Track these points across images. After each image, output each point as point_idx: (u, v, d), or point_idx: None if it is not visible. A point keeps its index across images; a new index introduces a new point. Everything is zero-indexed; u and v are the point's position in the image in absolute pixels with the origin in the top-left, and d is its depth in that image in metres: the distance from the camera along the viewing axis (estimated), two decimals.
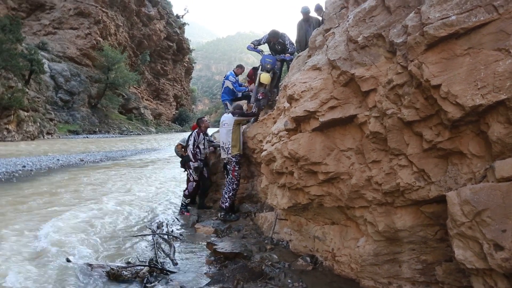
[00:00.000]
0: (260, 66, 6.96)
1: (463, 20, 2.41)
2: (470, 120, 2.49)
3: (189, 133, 7.37)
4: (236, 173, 6.29)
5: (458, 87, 2.41)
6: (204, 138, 7.07)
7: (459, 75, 2.43)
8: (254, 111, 6.89)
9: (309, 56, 4.77)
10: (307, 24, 7.79)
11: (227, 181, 6.47)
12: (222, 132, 6.47)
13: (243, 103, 7.71)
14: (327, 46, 3.82)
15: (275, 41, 7.12)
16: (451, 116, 2.48)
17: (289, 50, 7.08)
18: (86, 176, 11.85)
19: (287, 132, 4.13)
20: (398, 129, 2.96)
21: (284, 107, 4.63)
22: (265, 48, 7.46)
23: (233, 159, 6.28)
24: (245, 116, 6.59)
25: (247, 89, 7.75)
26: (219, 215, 6.31)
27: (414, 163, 2.89)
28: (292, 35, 7.76)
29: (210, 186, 7.51)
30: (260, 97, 6.78)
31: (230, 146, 6.26)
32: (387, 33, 3.09)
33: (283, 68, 7.75)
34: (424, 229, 3.10)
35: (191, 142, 6.92)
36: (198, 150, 6.93)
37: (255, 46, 7.27)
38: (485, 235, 2.14)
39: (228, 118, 6.41)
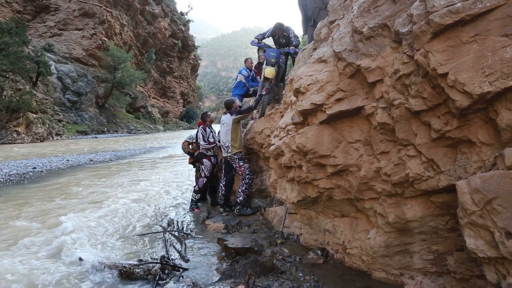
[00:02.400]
0: (265, 61, 6.94)
1: (469, 7, 2.38)
2: (479, 108, 2.46)
3: (196, 130, 7.41)
4: (243, 168, 6.29)
5: (466, 75, 2.38)
6: (211, 131, 7.12)
7: (466, 63, 2.39)
8: (251, 105, 6.89)
9: (315, 49, 4.75)
10: None
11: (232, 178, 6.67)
12: (222, 131, 6.52)
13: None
14: (332, 38, 3.80)
15: (280, 34, 7.08)
16: (459, 105, 2.45)
17: (294, 43, 7.05)
18: (96, 176, 11.96)
19: (294, 126, 4.13)
20: (406, 119, 2.94)
21: (291, 101, 4.62)
22: (268, 42, 7.43)
23: (235, 156, 6.32)
24: (243, 113, 6.57)
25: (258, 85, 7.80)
26: (235, 210, 6.33)
27: (423, 153, 2.87)
28: (296, 29, 7.70)
29: (218, 183, 7.54)
30: (264, 93, 6.76)
31: (229, 145, 6.30)
32: (392, 23, 3.05)
33: (288, 62, 7.71)
34: (435, 219, 3.09)
35: (200, 137, 6.99)
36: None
37: (258, 41, 7.26)
38: (496, 223, 2.12)
39: (227, 118, 6.45)
